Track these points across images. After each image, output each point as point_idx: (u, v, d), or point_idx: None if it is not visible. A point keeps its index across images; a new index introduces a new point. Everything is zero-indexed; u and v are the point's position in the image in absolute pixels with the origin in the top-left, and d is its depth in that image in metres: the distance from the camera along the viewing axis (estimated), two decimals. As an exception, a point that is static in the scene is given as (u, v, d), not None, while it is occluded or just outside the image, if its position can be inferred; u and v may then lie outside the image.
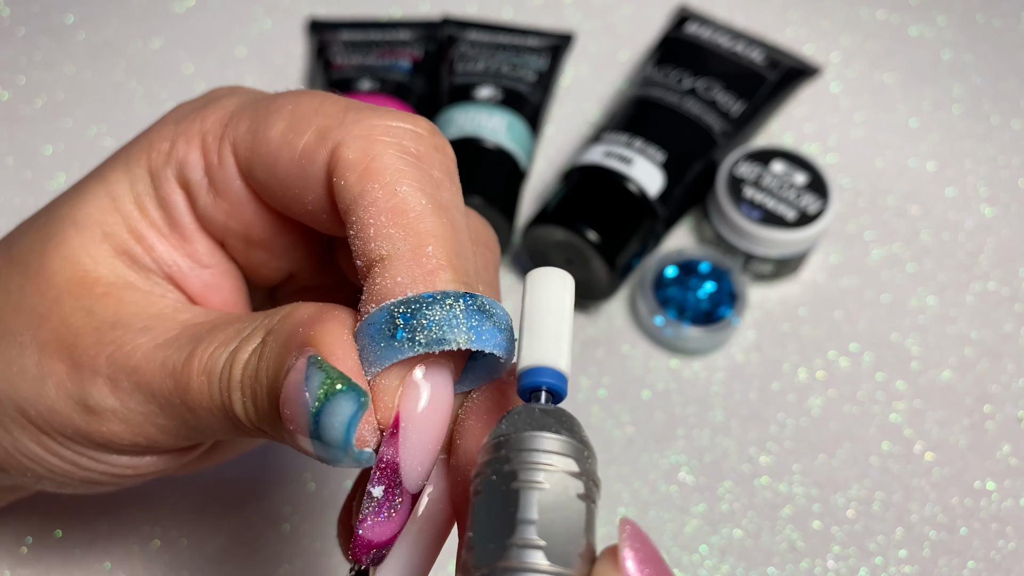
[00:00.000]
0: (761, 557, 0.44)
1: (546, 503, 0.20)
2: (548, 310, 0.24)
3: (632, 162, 0.49)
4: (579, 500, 0.21)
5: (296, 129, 0.27)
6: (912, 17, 0.63)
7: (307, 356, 0.24)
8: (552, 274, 0.24)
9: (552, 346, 0.23)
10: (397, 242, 0.25)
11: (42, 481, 0.31)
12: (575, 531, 0.20)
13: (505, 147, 0.51)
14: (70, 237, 0.29)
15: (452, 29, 0.58)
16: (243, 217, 0.29)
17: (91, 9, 0.60)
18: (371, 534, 0.24)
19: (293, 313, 0.26)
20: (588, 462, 0.22)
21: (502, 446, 0.22)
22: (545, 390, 0.23)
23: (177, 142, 0.29)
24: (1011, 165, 0.57)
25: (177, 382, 0.27)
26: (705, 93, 0.53)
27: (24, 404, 0.29)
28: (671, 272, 0.50)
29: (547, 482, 0.21)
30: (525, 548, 0.20)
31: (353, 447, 0.23)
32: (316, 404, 0.23)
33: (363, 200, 0.25)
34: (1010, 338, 0.51)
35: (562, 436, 0.21)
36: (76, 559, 0.42)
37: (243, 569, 0.43)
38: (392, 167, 0.26)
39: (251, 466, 0.45)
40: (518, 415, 0.22)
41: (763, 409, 0.48)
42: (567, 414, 0.22)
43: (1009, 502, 0.46)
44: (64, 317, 0.28)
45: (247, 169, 0.28)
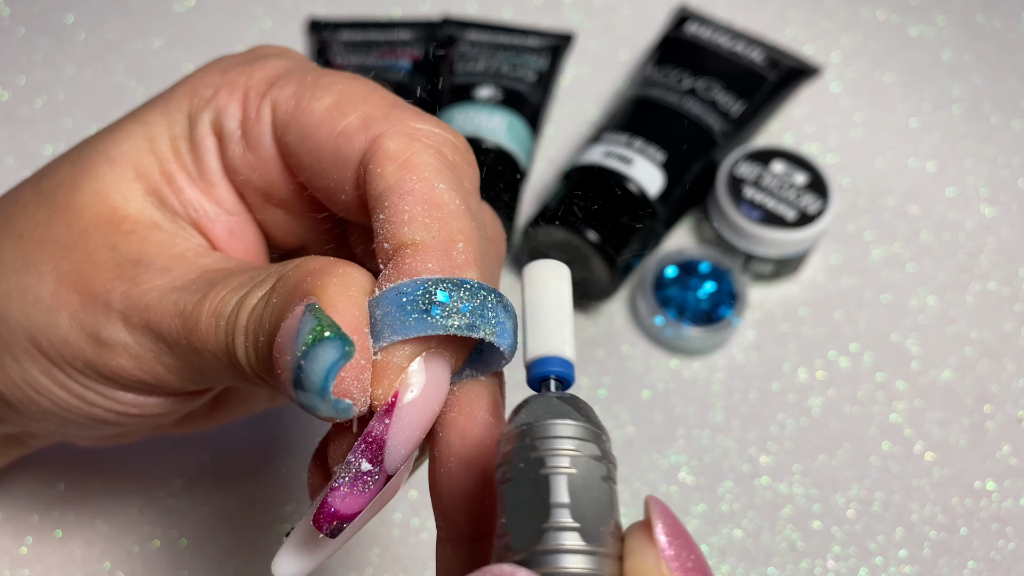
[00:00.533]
0: (761, 557, 0.44)
1: (575, 486, 0.21)
2: (549, 301, 0.25)
3: (632, 162, 0.49)
4: (604, 482, 0.22)
5: (341, 109, 0.28)
6: (912, 17, 0.63)
7: (305, 304, 0.24)
8: (549, 266, 0.25)
9: (556, 336, 0.24)
10: (432, 231, 0.26)
11: (46, 416, 0.31)
12: (604, 511, 0.22)
13: (505, 147, 0.51)
14: (103, 173, 0.30)
15: (452, 29, 0.58)
16: (267, 174, 0.30)
17: (91, 9, 0.60)
18: (340, 505, 0.24)
19: (304, 263, 0.26)
20: (606, 445, 0.23)
21: (526, 435, 0.22)
22: (554, 378, 0.24)
23: (220, 91, 0.30)
24: (1011, 165, 0.57)
25: (185, 323, 0.27)
26: (705, 93, 0.53)
27: (36, 334, 0.29)
28: (671, 272, 0.50)
29: (574, 467, 0.22)
30: (561, 531, 0.21)
31: (331, 394, 0.23)
32: (302, 349, 0.23)
33: (400, 188, 0.26)
34: (1010, 338, 0.51)
35: (581, 422, 0.22)
36: (76, 559, 0.42)
37: (243, 569, 0.43)
38: (431, 165, 0.27)
39: (251, 466, 0.45)
40: (537, 404, 0.23)
41: (763, 409, 0.48)
42: (581, 400, 0.23)
43: (1009, 502, 0.46)
44: (88, 251, 0.29)
45: (281, 131, 0.29)
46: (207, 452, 0.45)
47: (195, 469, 0.45)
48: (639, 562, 0.21)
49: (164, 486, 0.44)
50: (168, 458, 0.45)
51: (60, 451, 0.45)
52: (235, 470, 0.45)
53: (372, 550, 0.43)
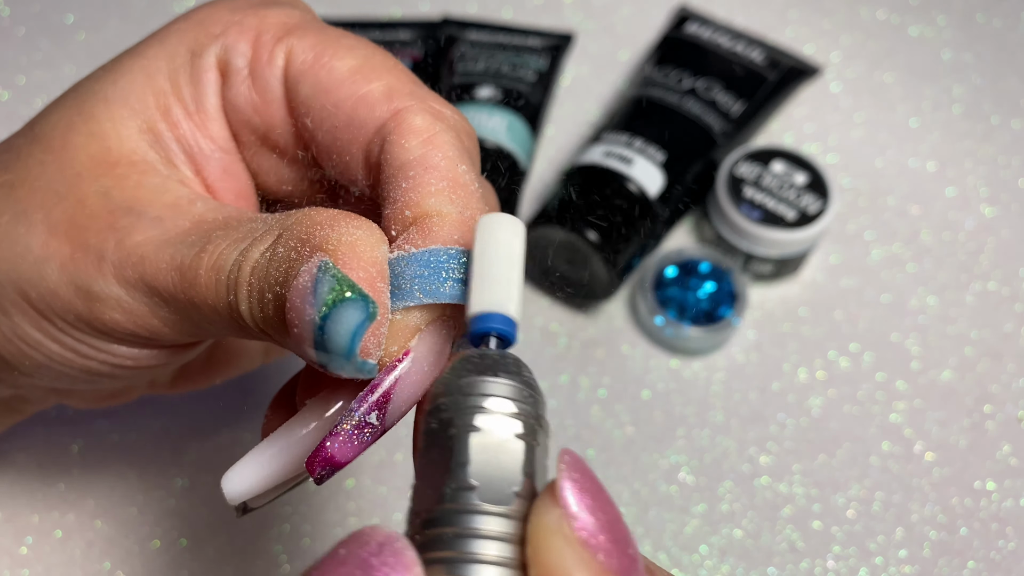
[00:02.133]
0: (761, 557, 0.44)
1: (480, 445, 0.21)
2: (498, 256, 0.24)
3: (632, 162, 0.49)
4: (516, 440, 0.21)
5: (365, 75, 0.29)
6: (912, 17, 0.63)
7: (318, 260, 0.23)
8: (503, 220, 0.24)
9: (502, 292, 0.23)
10: (458, 205, 0.26)
11: (40, 371, 0.31)
12: (511, 470, 0.21)
13: (505, 147, 0.51)
14: (99, 112, 0.30)
15: (452, 29, 0.58)
16: (268, 117, 0.30)
17: (91, 9, 0.60)
18: (337, 451, 0.24)
19: (309, 215, 0.26)
20: (530, 403, 0.22)
21: (442, 394, 0.22)
22: (495, 336, 0.23)
23: (231, 28, 0.30)
24: (1011, 165, 0.57)
25: (184, 277, 0.27)
26: (705, 93, 0.53)
27: (25, 286, 0.29)
28: (671, 272, 0.50)
29: (482, 424, 0.21)
30: (460, 490, 0.20)
31: (357, 356, 0.23)
32: (323, 309, 0.23)
33: (426, 162, 0.27)
34: (1010, 338, 0.51)
35: (499, 378, 0.21)
36: (76, 559, 0.42)
37: (243, 569, 0.43)
38: (454, 146, 0.27)
39: (251, 466, 0.45)
40: (460, 362, 0.22)
41: (763, 409, 0.48)
42: (512, 357, 0.23)
43: (1009, 502, 0.46)
44: (81, 197, 0.29)
45: (294, 80, 0.29)
46: (207, 452, 0.45)
47: (195, 469, 0.45)
48: (538, 521, 0.19)
49: (164, 486, 0.44)
50: (168, 458, 0.45)
51: (60, 451, 0.45)
52: (235, 470, 0.45)
53: (372, 550, 0.43)
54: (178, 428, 0.46)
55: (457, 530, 0.20)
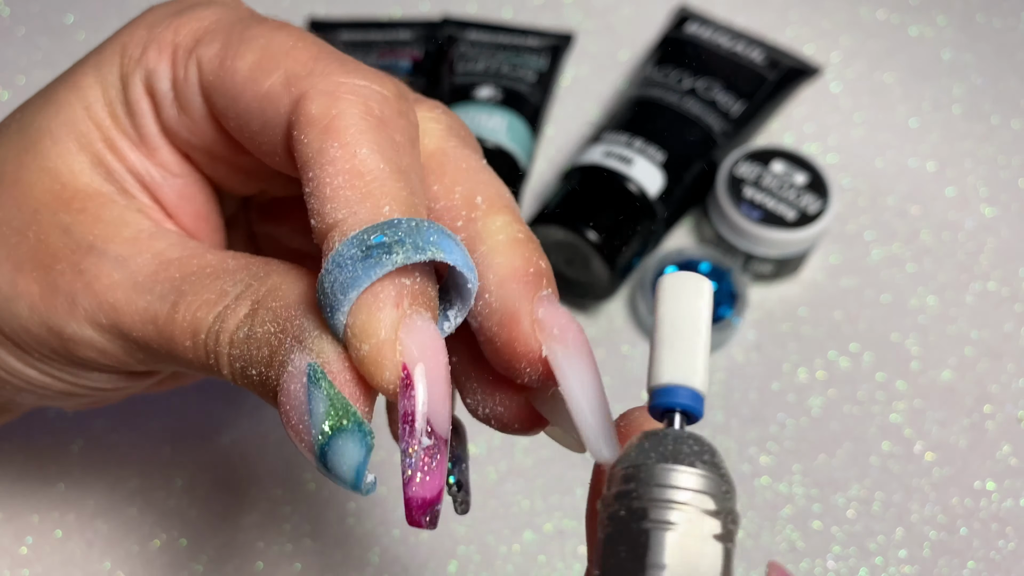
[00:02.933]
0: (761, 557, 0.44)
1: (678, 545, 0.19)
2: (683, 322, 0.22)
3: (632, 162, 0.49)
4: (714, 541, 0.19)
5: (263, 68, 0.26)
6: (912, 17, 0.63)
7: (305, 365, 0.23)
8: (688, 281, 0.23)
9: (688, 363, 0.21)
10: (354, 204, 0.24)
11: (21, 393, 0.31)
12: (709, 574, 0.19)
13: (505, 147, 0.51)
14: (46, 149, 0.28)
15: (452, 29, 0.58)
16: (205, 135, 0.29)
17: (91, 9, 0.60)
18: (423, 491, 0.23)
19: (281, 289, 0.25)
20: (727, 499, 0.20)
21: (631, 478, 0.20)
22: (680, 412, 0.21)
23: (149, 49, 0.28)
24: (1011, 165, 0.57)
25: (160, 333, 0.26)
26: (705, 93, 0.53)
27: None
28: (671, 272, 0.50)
29: (680, 522, 0.19)
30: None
31: (363, 487, 0.23)
32: (322, 438, 0.23)
33: (321, 158, 0.24)
34: (1010, 338, 0.51)
35: (697, 469, 0.20)
36: (76, 559, 0.42)
37: (243, 569, 0.43)
38: (354, 127, 0.25)
39: (251, 466, 0.45)
40: (651, 442, 0.21)
41: (763, 409, 0.48)
42: (705, 443, 0.21)
43: (1009, 502, 0.46)
44: (41, 234, 0.28)
45: (208, 93, 0.28)
46: (207, 452, 0.45)
47: (195, 469, 0.45)
48: None
49: (164, 486, 0.44)
50: (168, 458, 0.45)
51: (60, 451, 0.45)
52: (235, 470, 0.45)
53: (372, 550, 0.43)
54: (178, 428, 0.46)
55: None
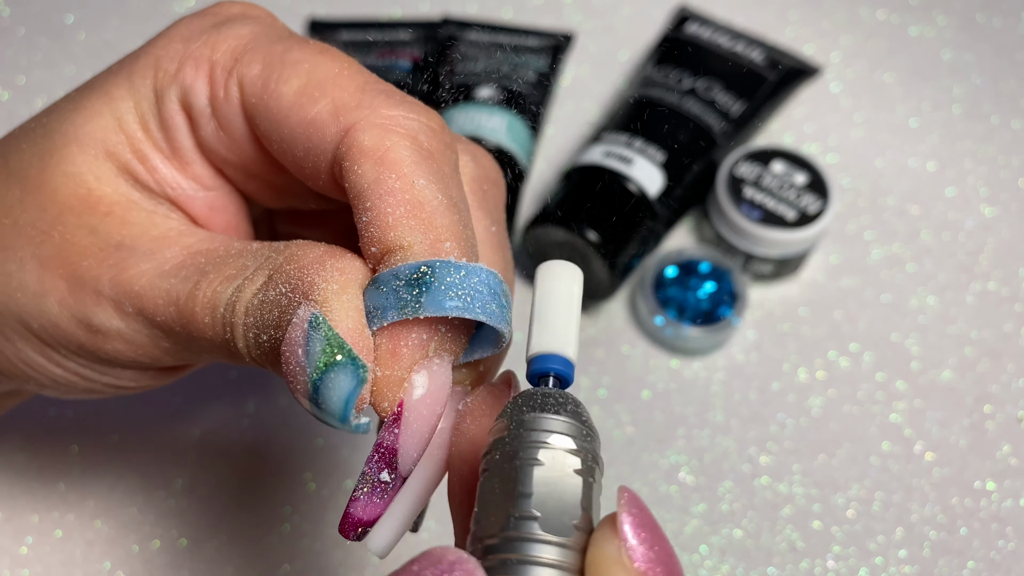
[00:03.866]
0: (761, 557, 0.44)
1: (542, 478, 0.22)
2: (558, 301, 0.25)
3: (632, 162, 0.49)
4: (575, 475, 0.22)
5: (310, 95, 0.27)
6: (912, 17, 0.63)
7: (308, 313, 0.24)
8: (562, 267, 0.26)
9: (560, 334, 0.25)
10: (417, 234, 0.25)
11: (45, 389, 0.31)
12: (570, 503, 0.22)
13: (505, 147, 0.51)
14: (72, 155, 0.29)
15: (452, 29, 0.58)
16: (243, 153, 0.29)
17: (91, 9, 0.60)
18: (362, 512, 0.25)
19: (297, 254, 0.25)
20: (587, 440, 0.23)
21: (507, 428, 0.23)
22: (552, 375, 0.25)
23: (185, 65, 0.29)
24: (1011, 165, 0.57)
25: (180, 312, 0.27)
26: (705, 93, 0.53)
27: (26, 317, 0.29)
28: (671, 272, 0.50)
29: (545, 459, 0.22)
30: (522, 519, 0.21)
31: (350, 421, 0.24)
32: (315, 373, 0.24)
33: (379, 188, 0.26)
34: (1010, 338, 0.51)
35: (560, 416, 0.23)
36: (76, 559, 0.42)
37: (243, 569, 0.43)
38: (408, 160, 0.26)
39: (251, 466, 0.45)
40: (522, 398, 0.24)
41: (763, 409, 0.48)
42: (570, 397, 0.24)
43: (1009, 502, 0.46)
44: (67, 235, 0.28)
45: (251, 114, 0.28)
46: (207, 452, 0.45)
47: (195, 469, 0.45)
48: (599, 552, 0.21)
49: (164, 486, 0.44)
50: (168, 458, 0.45)
51: (60, 451, 0.45)
52: (235, 470, 0.45)
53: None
54: (178, 428, 0.46)
55: (520, 557, 0.21)
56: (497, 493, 0.22)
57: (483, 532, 0.22)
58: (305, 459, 0.45)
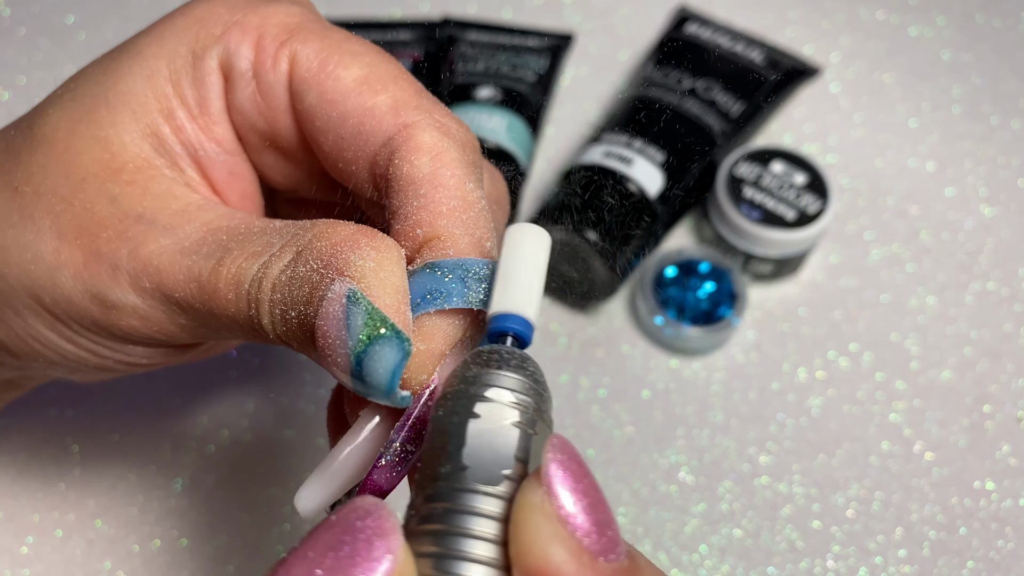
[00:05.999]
0: (761, 557, 0.45)
1: (477, 429, 0.22)
2: (522, 262, 0.25)
3: (632, 162, 0.49)
4: (513, 428, 0.22)
5: (372, 85, 0.28)
6: (912, 17, 0.63)
7: (345, 288, 0.24)
8: (530, 230, 0.26)
9: (522, 295, 0.25)
10: (468, 227, 0.27)
11: (54, 367, 0.31)
12: (503, 454, 0.22)
13: (505, 147, 0.51)
14: (100, 117, 0.29)
15: (452, 29, 0.58)
16: (274, 122, 0.30)
17: (91, 9, 0.60)
18: (383, 481, 0.25)
19: (328, 232, 0.26)
20: (531, 396, 0.23)
21: (450, 384, 0.23)
22: (512, 335, 0.25)
23: (232, 29, 0.29)
24: (1011, 165, 0.57)
25: (202, 289, 0.27)
26: (705, 93, 0.54)
27: (39, 291, 0.29)
28: (671, 272, 0.50)
29: (482, 411, 0.22)
30: (455, 470, 0.21)
31: (397, 392, 0.24)
32: (359, 346, 0.24)
33: (435, 181, 0.27)
34: (1010, 338, 0.51)
35: (503, 371, 0.23)
36: (77, 559, 0.42)
37: (243, 569, 0.43)
38: (461, 163, 0.28)
39: (251, 466, 0.45)
40: (472, 356, 0.24)
41: (763, 409, 0.48)
42: (519, 353, 0.24)
43: (1008, 502, 0.46)
44: (87, 203, 0.28)
45: (300, 88, 0.29)
46: (208, 451, 0.45)
47: (195, 469, 0.45)
48: (523, 499, 0.20)
49: (164, 486, 0.44)
50: (168, 458, 0.45)
51: (61, 451, 0.45)
52: (235, 470, 0.45)
53: (372, 550, 0.44)
54: (178, 428, 0.46)
55: (448, 506, 0.21)
56: (436, 446, 0.22)
57: (421, 483, 0.22)
58: (305, 459, 0.45)
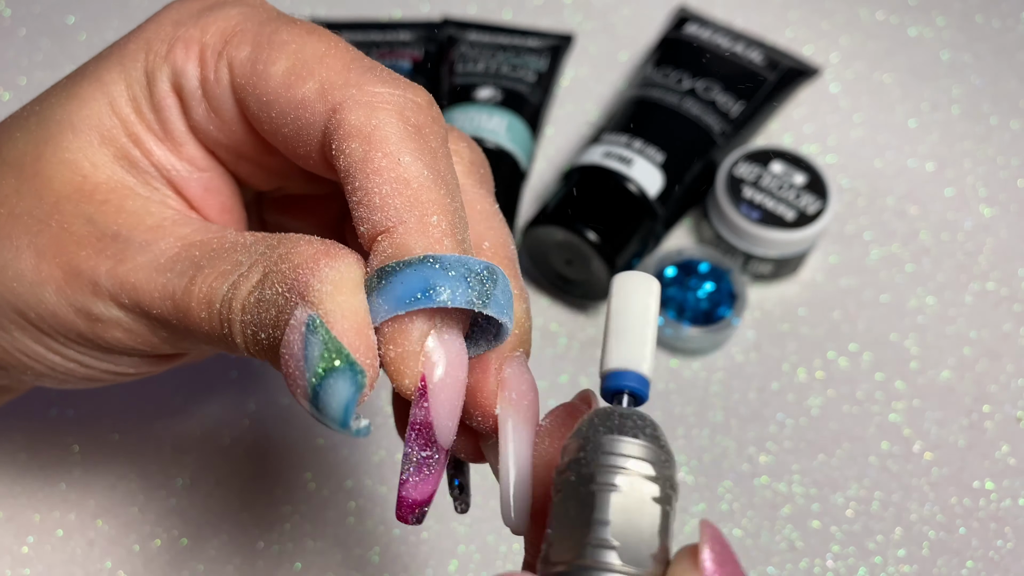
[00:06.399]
0: (761, 556, 0.45)
1: (621, 505, 0.21)
2: (634, 315, 0.25)
3: (632, 162, 0.49)
4: (654, 503, 0.22)
5: (298, 74, 0.27)
6: (911, 17, 0.63)
7: (305, 316, 0.24)
8: (639, 280, 0.26)
9: (636, 350, 0.24)
10: (403, 212, 0.25)
11: (42, 379, 0.31)
12: (649, 533, 0.21)
13: (505, 147, 0.51)
14: (67, 142, 0.29)
15: (452, 29, 0.58)
16: (233, 135, 0.30)
17: (92, 10, 0.60)
18: (415, 493, 0.25)
19: (292, 254, 0.25)
20: (666, 467, 0.22)
21: (582, 448, 0.22)
22: (627, 393, 0.24)
23: (175, 47, 0.29)
24: (1010, 165, 0.58)
25: (177, 307, 0.27)
26: (705, 93, 0.54)
27: (22, 307, 0.29)
28: (671, 272, 0.50)
29: (623, 485, 0.21)
30: (600, 548, 0.21)
31: (351, 426, 0.24)
32: (315, 379, 0.24)
33: (367, 168, 0.26)
34: (1009, 338, 0.51)
35: (640, 440, 0.22)
36: (77, 558, 0.42)
37: (243, 569, 0.43)
38: (395, 136, 0.26)
39: (251, 466, 0.45)
40: (598, 418, 0.23)
41: (762, 409, 0.48)
42: (648, 418, 0.23)
43: (1008, 502, 0.46)
44: (64, 223, 0.28)
45: (241, 95, 0.28)
46: (208, 451, 0.45)
47: (195, 469, 0.45)
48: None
49: (165, 486, 0.44)
50: (169, 457, 0.45)
51: (61, 451, 0.45)
52: (235, 470, 0.45)
53: (372, 549, 0.44)
54: (178, 428, 0.46)
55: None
56: (572, 516, 0.21)
57: (556, 556, 0.21)
58: (305, 459, 0.46)
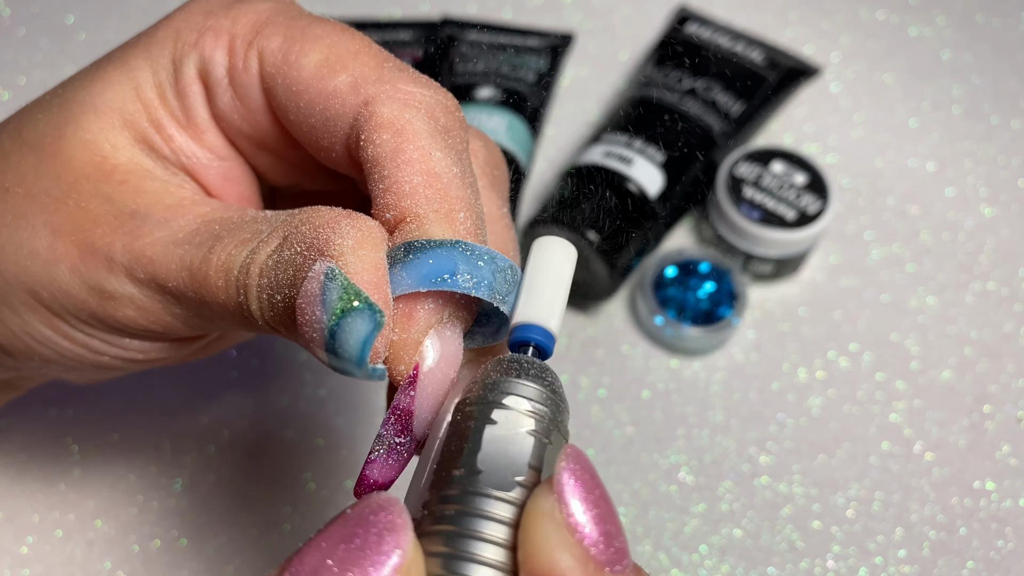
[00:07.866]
0: (761, 557, 0.45)
1: (493, 435, 0.22)
2: (547, 274, 0.26)
3: (632, 162, 0.49)
4: (528, 435, 0.23)
5: (331, 67, 0.28)
6: (912, 17, 0.63)
7: (324, 267, 0.24)
8: (558, 243, 0.26)
9: (546, 307, 0.25)
10: (433, 203, 0.26)
11: (49, 365, 0.31)
12: (517, 461, 0.22)
13: (505, 147, 0.51)
14: (89, 122, 0.29)
15: (452, 29, 0.58)
16: (258, 125, 0.30)
17: (92, 9, 0.60)
18: (378, 475, 0.26)
19: (312, 216, 0.26)
20: (548, 406, 0.23)
21: (468, 390, 0.24)
22: (532, 346, 0.25)
23: (205, 35, 0.29)
24: (1011, 165, 0.57)
25: (194, 277, 0.27)
26: (705, 93, 0.54)
27: (36, 287, 0.29)
28: (671, 272, 0.50)
29: (498, 418, 0.23)
30: (468, 474, 0.22)
31: (368, 364, 0.24)
32: (332, 319, 0.24)
33: (398, 158, 0.26)
34: (1010, 338, 0.51)
35: (522, 380, 0.23)
36: (77, 559, 0.42)
37: (243, 569, 0.43)
38: (426, 132, 0.27)
39: (251, 466, 0.45)
40: (492, 364, 0.24)
41: (763, 409, 0.48)
42: (541, 364, 0.24)
43: (1008, 502, 0.46)
44: (81, 203, 0.28)
45: (270, 85, 0.29)
46: (208, 452, 0.45)
47: (195, 469, 0.45)
48: (534, 505, 0.21)
49: (164, 486, 0.44)
50: (168, 458, 0.45)
51: (61, 451, 0.45)
52: (235, 470, 0.45)
53: (372, 550, 0.44)
54: (178, 428, 0.46)
55: (460, 508, 0.21)
56: (452, 450, 0.23)
57: (436, 484, 0.22)
58: (305, 459, 0.45)
